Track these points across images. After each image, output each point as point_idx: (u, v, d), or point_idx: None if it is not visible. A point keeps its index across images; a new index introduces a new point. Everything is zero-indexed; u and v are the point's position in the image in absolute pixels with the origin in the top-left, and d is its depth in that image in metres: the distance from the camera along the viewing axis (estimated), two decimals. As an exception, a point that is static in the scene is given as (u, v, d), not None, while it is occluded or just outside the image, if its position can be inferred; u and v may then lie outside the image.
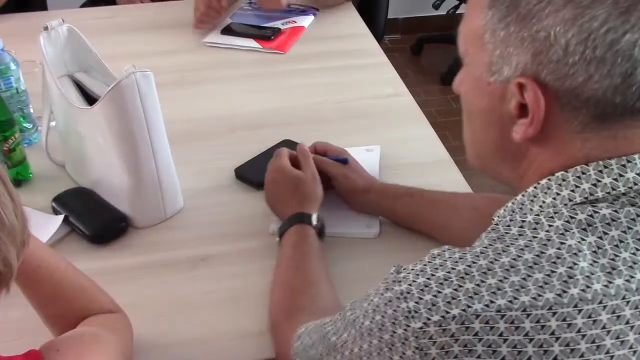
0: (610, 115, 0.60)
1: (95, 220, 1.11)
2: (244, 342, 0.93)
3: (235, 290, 1.01)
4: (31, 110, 1.34)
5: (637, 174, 0.60)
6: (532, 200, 0.64)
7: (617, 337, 0.56)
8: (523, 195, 0.66)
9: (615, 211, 0.59)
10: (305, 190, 1.07)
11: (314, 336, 0.77)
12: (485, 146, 0.70)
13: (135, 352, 0.87)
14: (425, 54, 3.65)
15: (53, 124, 1.23)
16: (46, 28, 1.14)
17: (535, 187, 0.65)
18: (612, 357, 0.56)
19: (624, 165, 0.61)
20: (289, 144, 1.30)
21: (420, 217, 1.07)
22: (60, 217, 1.10)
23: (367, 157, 1.25)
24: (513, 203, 0.66)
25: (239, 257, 1.07)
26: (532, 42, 0.60)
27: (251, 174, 1.20)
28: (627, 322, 0.57)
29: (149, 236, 1.11)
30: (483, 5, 0.64)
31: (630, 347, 0.57)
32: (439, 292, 0.59)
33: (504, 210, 0.66)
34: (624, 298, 0.57)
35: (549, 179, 0.64)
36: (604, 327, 0.56)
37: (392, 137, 1.35)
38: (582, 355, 0.56)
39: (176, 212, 1.16)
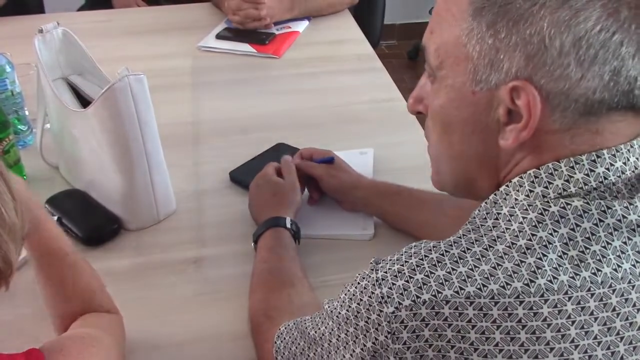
0: (597, 111, 0.60)
1: (88, 222, 1.11)
2: (235, 344, 0.93)
3: (227, 293, 1.01)
4: (26, 113, 1.34)
5: (607, 169, 0.62)
6: (504, 199, 0.65)
7: (582, 328, 0.58)
8: (495, 195, 0.67)
9: (587, 203, 0.60)
10: (281, 197, 1.09)
11: (295, 333, 0.78)
12: (466, 158, 0.70)
13: (126, 352, 0.87)
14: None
15: (47, 126, 1.24)
16: (41, 31, 1.14)
17: (507, 186, 0.66)
18: (577, 346, 0.58)
19: (594, 161, 0.62)
20: (284, 147, 1.31)
21: (407, 215, 1.08)
22: (53, 219, 1.10)
23: (360, 160, 1.25)
24: (486, 203, 0.67)
25: (230, 260, 1.07)
26: (524, 45, 0.60)
27: (246, 177, 1.21)
28: (592, 314, 0.58)
29: (141, 238, 1.12)
30: (459, 15, 0.64)
31: (595, 338, 0.58)
32: (410, 277, 0.61)
33: (478, 210, 0.67)
34: (589, 290, 0.58)
35: (520, 177, 0.65)
36: (569, 317, 0.58)
37: (386, 141, 1.35)
38: (547, 344, 0.58)
39: (169, 214, 1.16)
